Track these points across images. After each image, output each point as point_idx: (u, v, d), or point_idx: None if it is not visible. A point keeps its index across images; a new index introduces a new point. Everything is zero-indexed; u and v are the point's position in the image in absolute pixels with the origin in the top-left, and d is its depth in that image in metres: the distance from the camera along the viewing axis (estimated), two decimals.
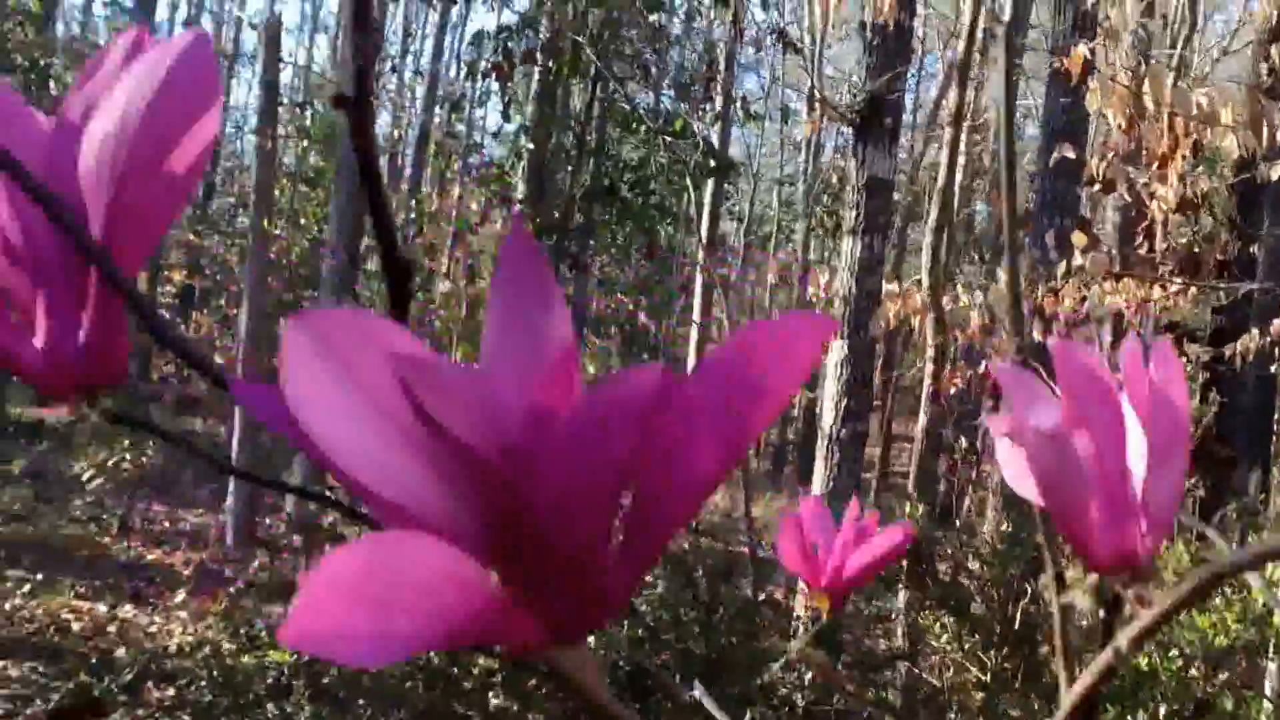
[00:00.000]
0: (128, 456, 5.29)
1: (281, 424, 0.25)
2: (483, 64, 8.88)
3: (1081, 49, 4.07)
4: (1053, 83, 6.18)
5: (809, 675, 2.91)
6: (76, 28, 13.72)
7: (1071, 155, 4.83)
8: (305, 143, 12.23)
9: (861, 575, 0.95)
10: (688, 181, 9.56)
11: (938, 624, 3.69)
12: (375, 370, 0.24)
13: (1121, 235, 7.15)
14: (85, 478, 5.29)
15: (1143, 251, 5.31)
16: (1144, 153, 4.29)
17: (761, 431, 0.25)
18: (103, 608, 5.00)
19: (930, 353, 5.92)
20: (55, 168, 0.34)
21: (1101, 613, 0.41)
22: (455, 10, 12.25)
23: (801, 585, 1.03)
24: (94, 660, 3.31)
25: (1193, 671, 2.38)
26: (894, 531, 0.92)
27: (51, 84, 9.58)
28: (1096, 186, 4.61)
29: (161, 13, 15.19)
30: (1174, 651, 2.39)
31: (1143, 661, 2.37)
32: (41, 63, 9.36)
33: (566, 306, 0.26)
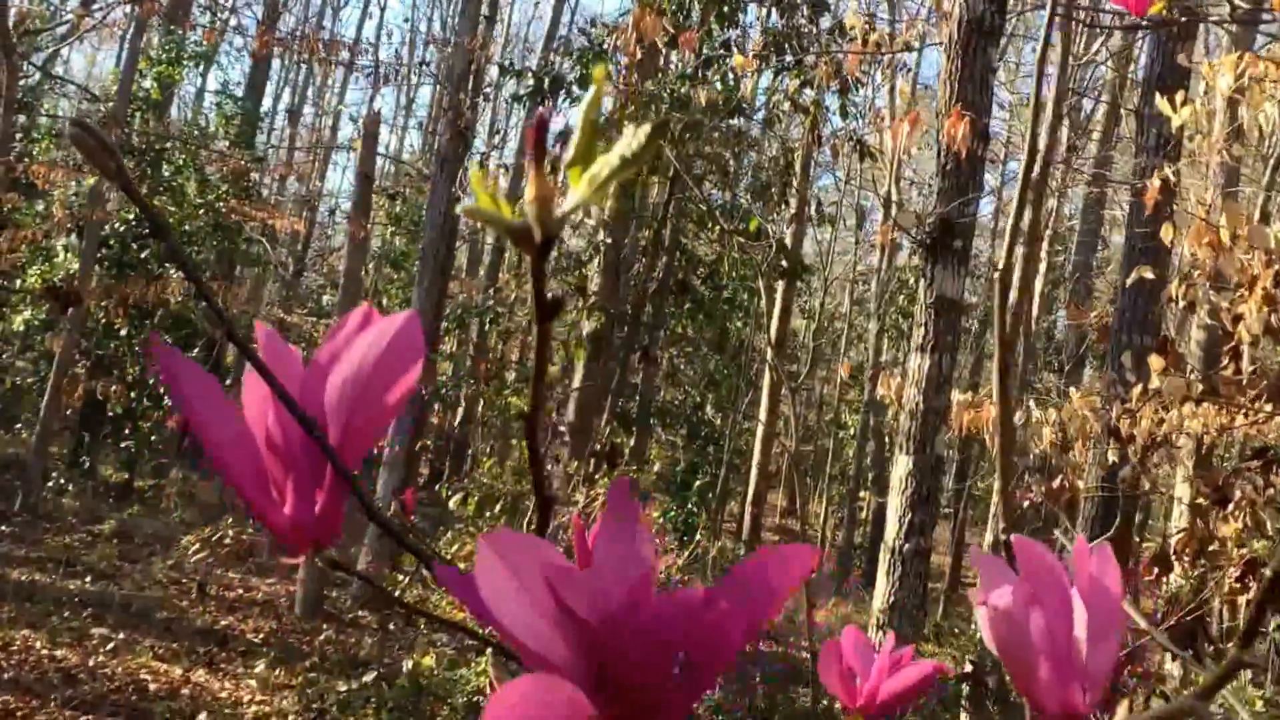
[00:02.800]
0: (230, 533, 5.54)
1: (471, 599, 0.40)
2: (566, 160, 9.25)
3: (1157, 180, 4.11)
4: (1137, 198, 6.13)
5: None
6: (189, 113, 14.60)
7: (1151, 276, 4.85)
8: (393, 228, 12.73)
9: (894, 701, 1.07)
10: (759, 281, 9.75)
11: None
12: (533, 573, 0.39)
13: (1207, 355, 6.95)
14: (191, 551, 5.54)
15: (1228, 374, 5.22)
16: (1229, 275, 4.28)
17: (768, 621, 0.39)
18: (179, 670, 5.21)
19: (999, 469, 5.92)
20: (307, 394, 0.50)
21: None
22: (540, 108, 12.75)
23: None
24: None
25: None
26: (925, 665, 1.04)
27: (165, 165, 10.25)
28: (1179, 306, 4.59)
29: (265, 102, 16.09)
30: None
31: None
32: (157, 146, 10.03)
33: (643, 525, 0.41)
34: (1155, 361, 4.68)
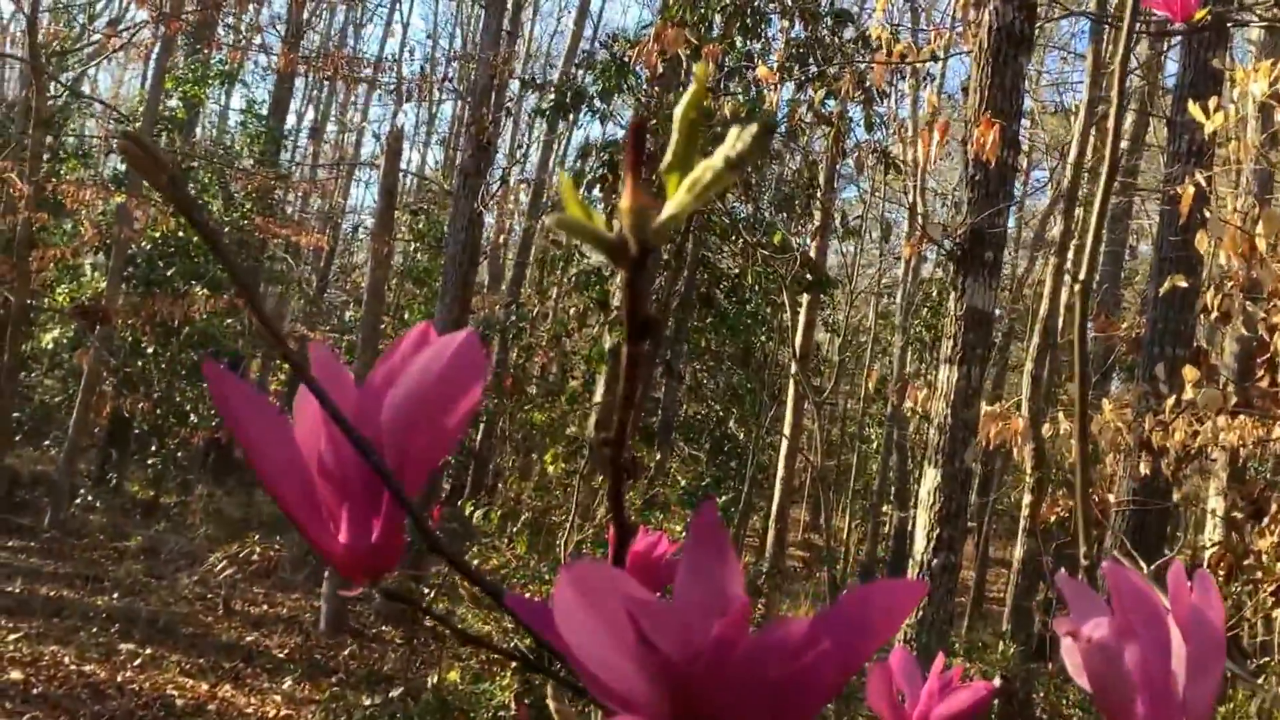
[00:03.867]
0: (257, 550, 5.55)
1: (545, 631, 0.37)
2: (588, 175, 9.26)
3: (1190, 186, 4.04)
4: (1167, 205, 6.01)
5: None
6: (215, 132, 14.75)
7: (1184, 284, 4.76)
8: (416, 244, 12.77)
9: None
10: (783, 295, 9.71)
11: None
12: (613, 606, 0.36)
13: (1241, 367, 6.82)
14: (218, 568, 5.56)
15: (1264, 385, 5.11)
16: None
17: (867, 661, 0.37)
18: (205, 685, 5.21)
19: (1029, 483, 5.85)
20: (363, 416, 0.48)
21: None
22: (562, 123, 12.79)
23: None
24: None
25: None
26: (977, 687, 1.01)
27: (191, 184, 10.33)
28: (1213, 316, 4.50)
29: (289, 119, 16.23)
30: None
31: None
32: (183, 165, 10.12)
33: (739, 563, 0.38)
34: (1189, 372, 4.59)
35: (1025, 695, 6.78)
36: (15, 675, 4.83)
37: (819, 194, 10.28)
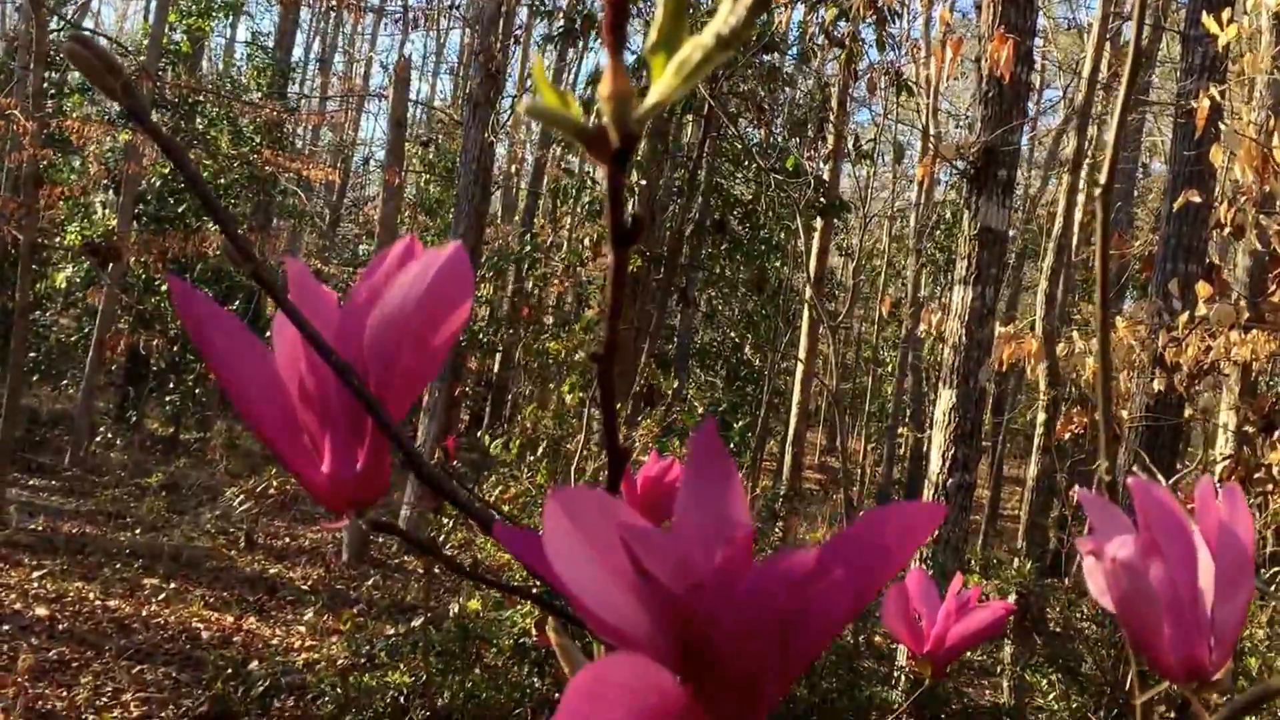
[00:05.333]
0: (274, 483, 5.59)
1: (537, 564, 0.35)
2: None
3: (1206, 100, 3.96)
4: (1180, 122, 5.92)
5: None
6: (220, 65, 14.57)
7: (1198, 200, 4.70)
8: (427, 176, 12.66)
9: (962, 645, 1.01)
10: (797, 220, 9.60)
11: (1045, 681, 3.64)
12: (607, 534, 0.33)
13: (1253, 282, 6.80)
14: (235, 502, 5.60)
15: (1276, 299, 5.07)
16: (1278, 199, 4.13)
17: (881, 589, 0.34)
18: (230, 618, 5.29)
19: (1043, 401, 5.83)
20: (344, 338, 0.45)
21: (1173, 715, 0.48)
22: (571, 50, 12.57)
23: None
24: (230, 671, 3.53)
25: None
26: (996, 606, 0.99)
27: (198, 118, 10.23)
28: (1226, 231, 4.45)
29: (296, 52, 16.01)
30: None
31: None
32: (190, 99, 10.01)
33: (741, 484, 0.35)
34: (1202, 289, 4.54)
35: (1039, 610, 6.85)
36: (41, 611, 4.92)
37: (832, 118, 10.11)
